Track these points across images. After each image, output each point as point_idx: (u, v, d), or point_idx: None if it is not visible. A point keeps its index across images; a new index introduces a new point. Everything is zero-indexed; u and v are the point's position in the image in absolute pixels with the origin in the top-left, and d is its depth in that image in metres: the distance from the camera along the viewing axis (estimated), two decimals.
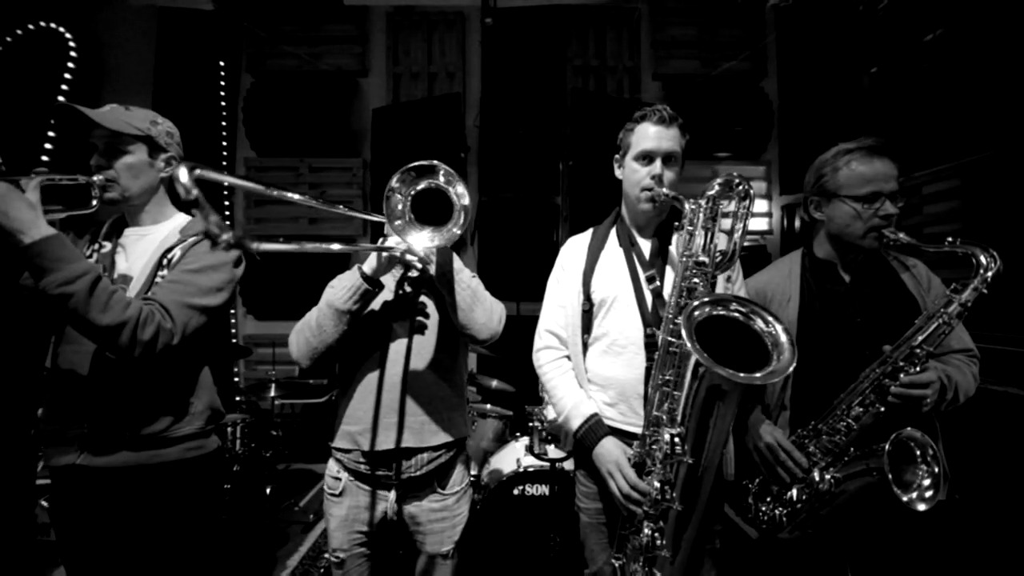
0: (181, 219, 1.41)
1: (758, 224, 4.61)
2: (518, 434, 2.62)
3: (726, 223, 1.15)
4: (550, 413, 2.44)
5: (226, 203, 4.61)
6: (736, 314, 0.96)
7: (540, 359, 1.44)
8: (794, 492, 1.28)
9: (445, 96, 4.59)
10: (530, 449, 2.46)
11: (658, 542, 1.08)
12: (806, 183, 1.35)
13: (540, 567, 2.04)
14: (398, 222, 1.16)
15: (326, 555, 2.54)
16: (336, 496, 1.39)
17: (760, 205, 4.65)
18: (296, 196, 1.02)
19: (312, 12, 4.63)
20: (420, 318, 1.43)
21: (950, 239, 1.15)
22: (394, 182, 1.15)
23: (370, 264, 1.27)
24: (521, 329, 1.80)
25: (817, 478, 1.24)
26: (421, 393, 1.37)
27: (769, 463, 1.30)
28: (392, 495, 1.37)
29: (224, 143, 4.57)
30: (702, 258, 1.07)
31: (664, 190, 1.25)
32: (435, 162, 1.13)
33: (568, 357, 1.43)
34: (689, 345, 0.91)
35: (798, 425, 1.32)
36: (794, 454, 1.27)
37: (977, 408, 1.42)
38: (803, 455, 1.27)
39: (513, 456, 2.32)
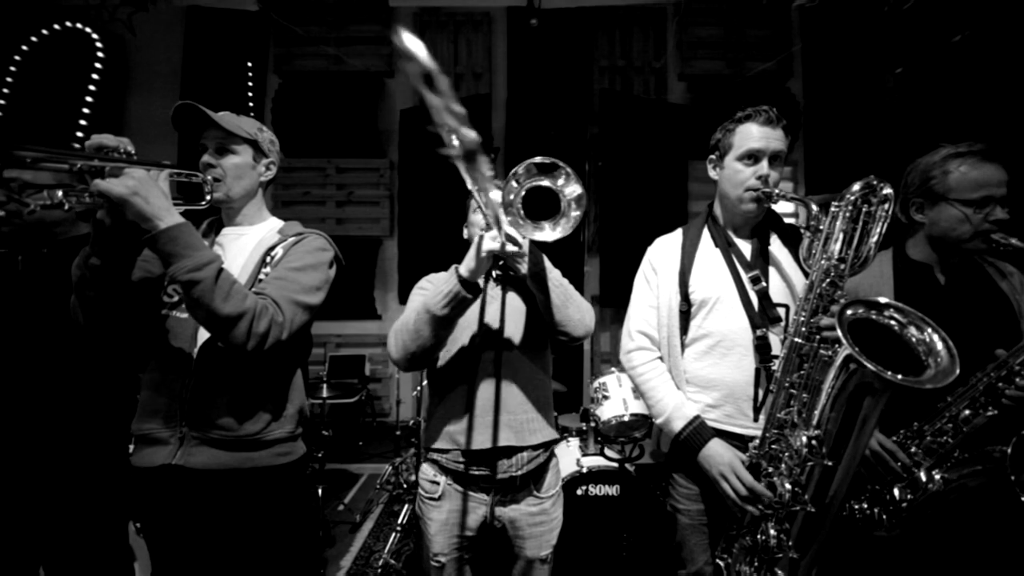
0: (275, 222, 1.42)
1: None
2: (567, 435, 2.62)
3: (838, 224, 1.15)
4: (604, 414, 2.44)
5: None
6: (892, 321, 0.96)
7: (634, 360, 1.44)
8: (896, 491, 1.29)
9: (473, 97, 4.59)
10: (584, 450, 2.47)
11: (784, 543, 1.09)
12: (908, 184, 1.35)
13: (614, 567, 2.04)
14: (510, 217, 1.14)
15: (377, 553, 2.55)
16: (435, 500, 1.38)
17: (787, 205, 4.66)
18: None
19: (340, 11, 4.63)
20: (508, 318, 1.43)
21: None
22: (514, 176, 1.13)
23: (468, 265, 1.21)
24: None
25: (924, 478, 1.25)
26: (517, 393, 1.38)
27: (870, 463, 1.30)
28: (491, 498, 1.36)
29: None
30: (836, 261, 1.07)
31: (779, 191, 1.25)
32: (558, 161, 1.12)
33: (660, 358, 1.44)
34: (848, 346, 0.91)
35: (897, 427, 1.32)
36: (898, 454, 1.27)
37: None
38: (906, 455, 1.28)
39: (571, 457, 2.32)
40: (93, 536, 1.42)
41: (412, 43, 0.48)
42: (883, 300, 0.99)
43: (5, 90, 4.36)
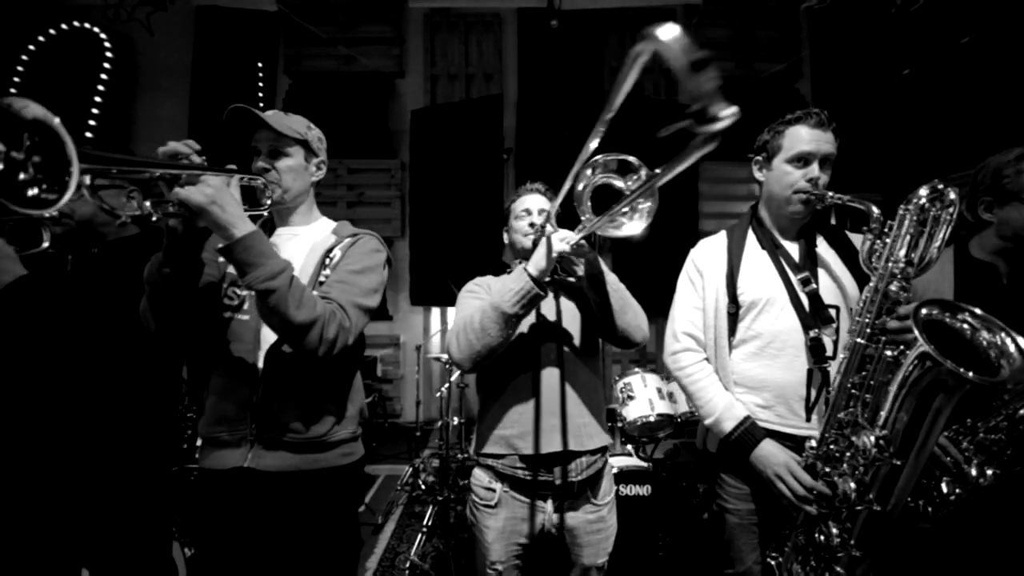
0: (326, 221, 1.42)
1: None
2: None
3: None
4: (630, 414, 2.45)
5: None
6: (964, 324, 0.97)
7: (681, 360, 1.44)
8: (944, 486, 1.29)
9: (485, 98, 4.59)
10: (611, 450, 2.47)
11: (846, 541, 1.10)
12: (978, 183, 1.36)
13: (651, 567, 2.05)
14: (588, 215, 1.14)
15: (402, 555, 2.54)
16: (491, 508, 1.36)
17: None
18: None
19: (350, 12, 4.62)
20: (565, 320, 1.43)
21: None
22: (591, 173, 1.14)
23: (537, 265, 1.20)
24: None
25: (975, 473, 1.26)
26: (575, 397, 1.37)
27: None
28: (550, 505, 1.35)
29: None
30: (904, 264, 1.08)
31: (831, 193, 1.26)
32: (632, 159, 1.12)
33: (707, 359, 1.44)
34: (924, 344, 0.92)
35: (949, 423, 1.33)
36: (950, 449, 1.29)
37: None
38: (957, 450, 1.29)
39: None
40: (137, 539, 1.41)
41: (670, 33, 0.46)
42: (960, 304, 1.00)
43: (13, 90, 4.33)
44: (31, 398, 1.24)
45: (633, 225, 1.15)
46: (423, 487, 3.17)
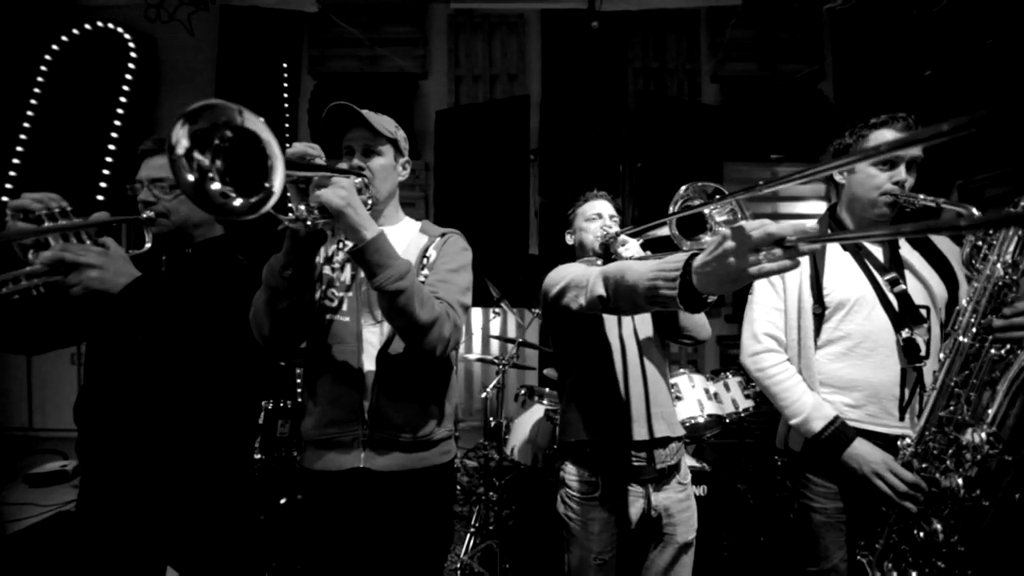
0: (410, 220, 1.44)
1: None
2: None
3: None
4: (679, 415, 2.46)
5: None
6: None
7: (764, 361, 1.46)
8: None
9: (511, 99, 4.60)
10: None
11: (949, 537, 1.12)
12: None
13: (718, 567, 2.07)
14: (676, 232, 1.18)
15: (452, 556, 2.55)
16: (594, 499, 1.40)
17: (819, 206, 4.71)
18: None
19: (374, 13, 4.62)
20: (638, 317, 1.52)
21: None
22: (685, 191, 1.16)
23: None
24: None
25: None
26: (662, 385, 1.47)
27: None
28: (647, 489, 1.41)
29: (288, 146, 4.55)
30: (1010, 265, 1.10)
31: (922, 196, 1.28)
32: (724, 190, 1.14)
33: (788, 360, 1.46)
34: None
35: None
36: None
37: None
38: None
39: None
40: (223, 538, 1.41)
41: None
42: None
43: (37, 90, 4.32)
44: (135, 396, 1.25)
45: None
46: (459, 489, 3.18)
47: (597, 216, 1.60)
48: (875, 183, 1.35)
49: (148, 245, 1.24)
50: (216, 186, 0.69)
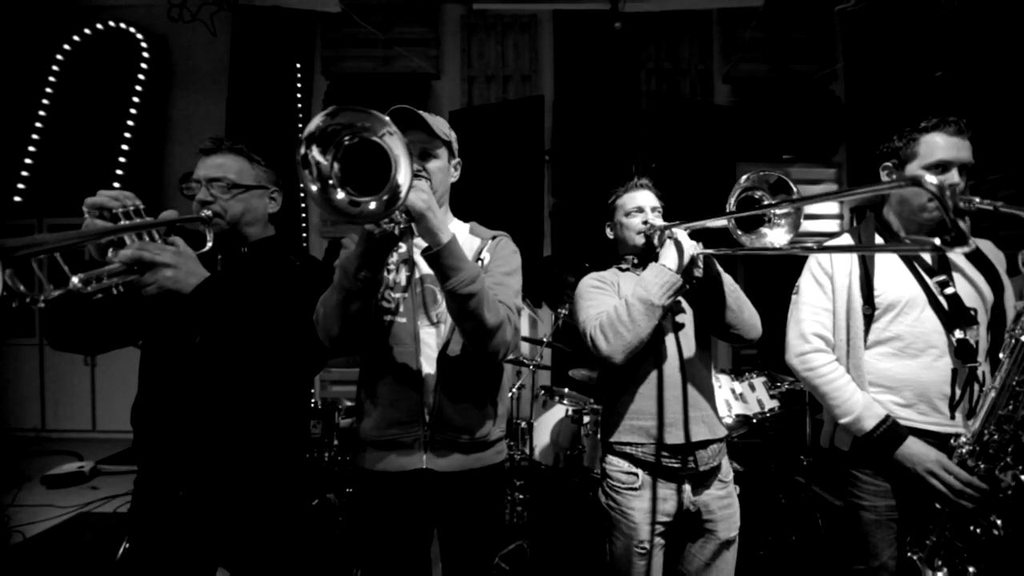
0: (459, 223, 1.45)
1: (829, 225, 4.71)
2: None
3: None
4: None
5: (301, 204, 4.53)
6: None
7: (813, 361, 1.47)
8: None
9: (525, 99, 4.60)
10: None
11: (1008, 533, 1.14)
12: None
13: (755, 567, 2.09)
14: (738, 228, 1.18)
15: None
16: (635, 490, 1.41)
17: (831, 207, 4.74)
18: None
19: (387, 13, 4.62)
20: (679, 317, 1.50)
21: None
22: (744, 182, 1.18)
23: (673, 261, 1.30)
24: None
25: None
26: (700, 387, 1.45)
27: None
28: (688, 486, 1.41)
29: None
30: None
31: (979, 199, 1.29)
32: (788, 180, 1.15)
33: (836, 359, 1.48)
34: None
35: None
36: None
37: None
38: None
39: None
40: (275, 538, 1.41)
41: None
42: None
43: (49, 89, 4.30)
44: (196, 398, 1.25)
45: (776, 234, 1.19)
46: None
47: (638, 211, 1.57)
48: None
49: (210, 244, 1.24)
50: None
